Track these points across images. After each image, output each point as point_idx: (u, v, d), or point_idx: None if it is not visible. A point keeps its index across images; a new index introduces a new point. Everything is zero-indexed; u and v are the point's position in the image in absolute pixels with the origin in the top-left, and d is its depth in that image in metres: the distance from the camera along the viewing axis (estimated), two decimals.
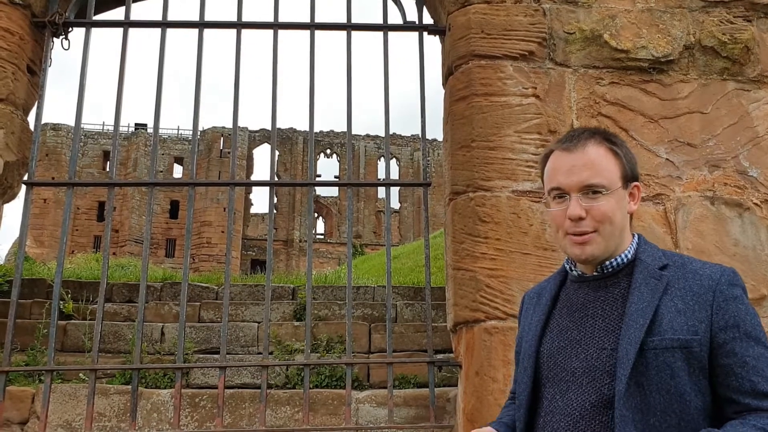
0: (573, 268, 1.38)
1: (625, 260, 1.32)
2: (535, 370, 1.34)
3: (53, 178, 33.70)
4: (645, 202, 2.65)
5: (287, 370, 6.30)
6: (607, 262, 1.32)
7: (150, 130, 46.60)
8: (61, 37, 3.11)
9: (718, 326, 1.21)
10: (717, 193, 2.69)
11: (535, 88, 2.75)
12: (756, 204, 2.69)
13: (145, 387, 5.92)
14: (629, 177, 1.34)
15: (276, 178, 3.06)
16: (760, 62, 2.86)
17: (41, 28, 3.07)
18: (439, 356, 5.61)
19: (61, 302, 7.10)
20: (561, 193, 1.31)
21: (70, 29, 3.13)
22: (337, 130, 50.50)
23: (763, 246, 2.63)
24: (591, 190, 1.28)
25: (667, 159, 2.72)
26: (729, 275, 1.26)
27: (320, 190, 50.13)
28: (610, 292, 1.30)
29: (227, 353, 4.70)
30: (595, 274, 1.34)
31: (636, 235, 1.38)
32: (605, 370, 1.22)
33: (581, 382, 1.24)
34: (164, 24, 3.11)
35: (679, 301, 1.23)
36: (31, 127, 3.05)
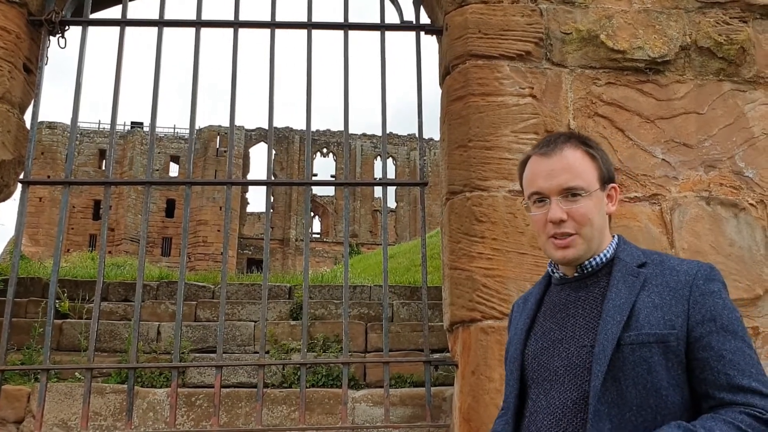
0: (555, 271, 1.41)
1: (604, 260, 1.34)
2: (521, 372, 1.36)
3: (48, 177, 33.62)
4: (641, 202, 2.66)
5: (284, 369, 6.30)
6: (586, 262, 1.34)
7: (146, 129, 46.52)
8: (57, 35, 3.11)
9: (694, 320, 1.22)
10: (713, 193, 2.69)
11: (532, 88, 2.76)
12: (751, 204, 2.69)
13: (141, 386, 5.91)
14: (606, 179, 1.37)
15: (272, 177, 3.06)
16: (756, 63, 2.87)
17: (38, 27, 3.06)
18: (436, 355, 5.60)
19: (57, 301, 7.08)
20: (541, 197, 1.34)
21: (67, 28, 3.13)
22: (334, 129, 50.45)
23: (758, 246, 2.64)
24: (570, 193, 1.31)
25: (663, 159, 2.73)
26: (706, 270, 1.27)
27: (316, 189, 50.11)
28: (591, 291, 1.33)
29: (224, 352, 4.69)
30: (575, 275, 1.36)
31: (616, 236, 1.40)
32: (585, 367, 1.23)
33: (563, 380, 1.26)
34: (161, 23, 3.10)
35: (656, 297, 1.25)
36: (27, 125, 3.04)
